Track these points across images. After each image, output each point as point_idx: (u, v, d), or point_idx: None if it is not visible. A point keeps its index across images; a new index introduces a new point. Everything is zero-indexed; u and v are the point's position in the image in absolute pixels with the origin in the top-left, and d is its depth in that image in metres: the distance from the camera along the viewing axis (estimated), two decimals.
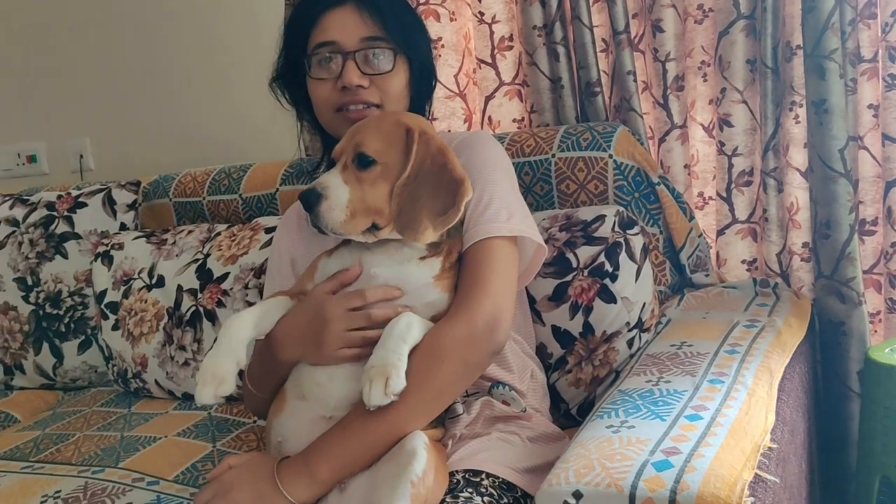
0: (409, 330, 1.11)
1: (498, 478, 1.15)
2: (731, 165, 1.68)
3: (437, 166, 1.15)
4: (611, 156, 1.62)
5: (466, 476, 1.14)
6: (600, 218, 1.47)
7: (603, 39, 1.80)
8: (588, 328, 1.43)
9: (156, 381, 1.85)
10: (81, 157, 2.76)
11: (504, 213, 1.24)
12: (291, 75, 1.41)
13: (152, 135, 2.65)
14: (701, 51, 1.75)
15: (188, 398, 1.84)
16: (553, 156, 1.66)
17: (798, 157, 1.63)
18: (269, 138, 2.25)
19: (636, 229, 1.48)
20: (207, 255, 1.85)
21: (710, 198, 1.81)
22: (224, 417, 1.71)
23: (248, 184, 2.06)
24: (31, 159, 2.85)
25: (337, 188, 1.13)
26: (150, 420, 1.75)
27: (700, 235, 1.69)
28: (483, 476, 1.14)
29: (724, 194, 1.71)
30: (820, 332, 1.57)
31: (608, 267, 1.42)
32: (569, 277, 1.44)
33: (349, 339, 1.15)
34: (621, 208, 1.51)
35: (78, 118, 2.75)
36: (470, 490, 1.11)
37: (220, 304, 1.77)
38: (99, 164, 2.76)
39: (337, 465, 1.10)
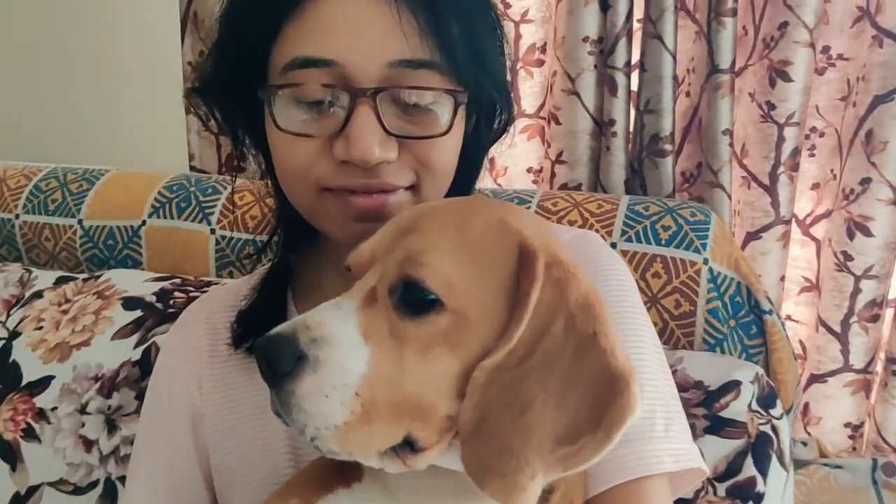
0: None
1: None
2: (857, 290, 1.16)
3: (578, 340, 0.52)
4: (706, 260, 1.05)
5: None
6: (732, 387, 0.90)
7: (675, 76, 1.22)
8: None
9: None
10: None
11: (660, 419, 0.65)
12: (229, 92, 0.72)
13: None
14: (815, 113, 1.22)
15: None
16: (614, 245, 1.07)
17: None
18: (141, 136, 1.49)
19: (779, 408, 0.92)
20: (15, 335, 1.10)
21: (790, 318, 1.30)
22: None
23: (95, 204, 1.32)
24: None
25: (346, 347, 0.52)
26: None
27: (800, 385, 1.15)
28: None
29: (838, 328, 1.19)
30: None
31: (759, 484, 0.84)
32: (689, 493, 0.85)
33: None
34: (760, 370, 0.94)
35: None
36: None
37: (28, 433, 1.03)
38: None
39: None
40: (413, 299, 0.52)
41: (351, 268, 0.57)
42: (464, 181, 0.75)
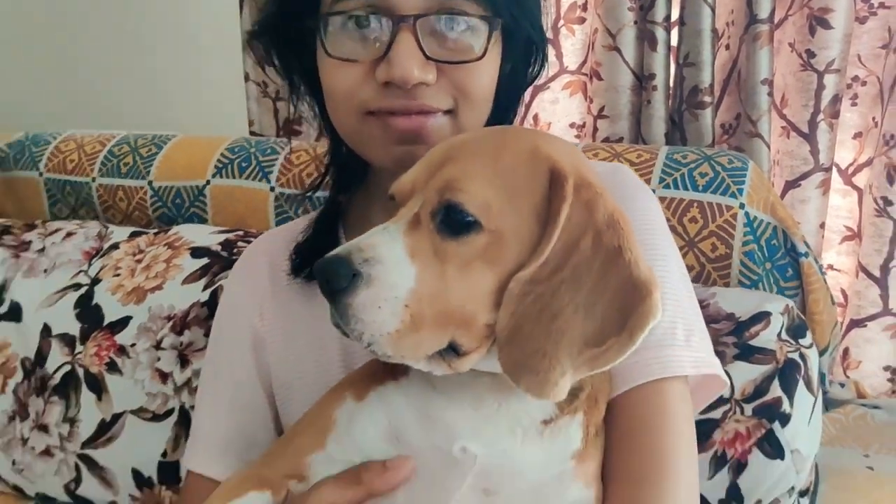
0: None
1: None
2: None
3: (605, 254, 0.57)
4: (742, 205, 1.08)
5: None
6: (762, 317, 0.94)
7: (714, 29, 1.24)
8: (734, 494, 0.90)
9: None
10: None
11: (681, 329, 0.69)
12: (285, 32, 0.78)
13: (20, 69, 1.88)
14: (856, 62, 1.23)
15: (47, 500, 1.18)
16: (653, 192, 1.10)
17: None
18: (200, 100, 1.58)
19: (809, 339, 0.95)
20: (96, 281, 1.20)
21: (832, 267, 1.32)
22: None
23: (163, 167, 1.40)
24: None
25: (394, 265, 0.56)
26: None
27: (840, 326, 1.18)
28: None
29: (877, 273, 1.21)
30: None
31: (784, 405, 0.88)
32: (717, 413, 0.89)
33: None
34: (791, 303, 0.97)
35: None
36: None
37: (111, 366, 1.12)
38: None
39: None
40: (454, 221, 0.56)
41: (394, 196, 0.63)
42: (502, 117, 0.81)
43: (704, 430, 0.90)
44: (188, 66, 1.70)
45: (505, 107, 0.81)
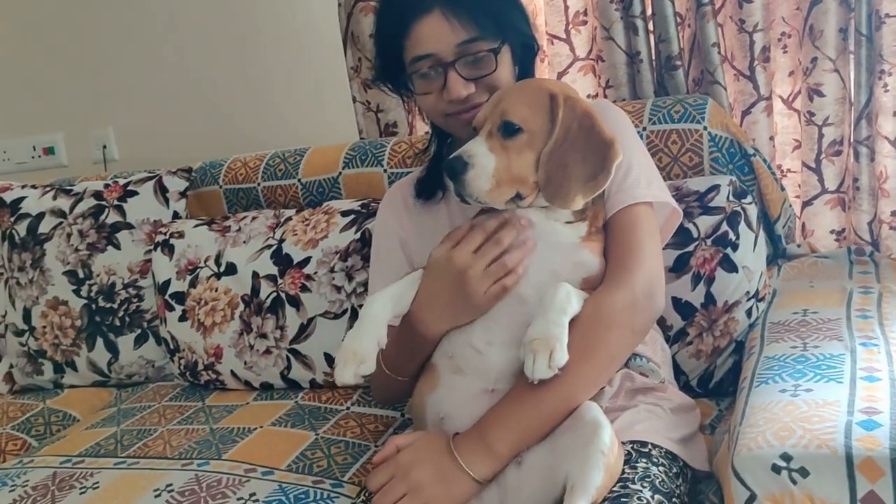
0: (568, 300, 1.07)
1: (663, 448, 1.13)
2: (821, 135, 1.68)
3: (584, 130, 1.11)
4: (705, 128, 1.60)
5: (635, 447, 1.11)
6: (715, 188, 1.46)
7: (678, 13, 1.78)
8: (710, 299, 1.42)
9: (231, 371, 1.78)
10: (105, 147, 2.66)
11: (644, 180, 1.22)
12: (389, 77, 1.34)
13: (181, 123, 2.57)
14: (782, 22, 1.75)
15: (267, 388, 1.77)
16: (645, 129, 1.63)
17: (887, 125, 1.64)
18: (324, 119, 2.20)
19: (749, 199, 1.47)
20: (282, 241, 1.79)
21: (789, 170, 1.82)
22: (315, 406, 1.65)
23: (307, 168, 1.99)
24: (49, 151, 2.73)
25: (483, 157, 1.09)
26: (233, 412, 1.68)
27: (791, 206, 1.68)
28: (650, 446, 1.12)
29: (813, 165, 1.71)
30: None
31: (731, 236, 1.41)
32: (690, 248, 1.42)
33: (490, 274, 1.11)
34: (734, 178, 1.49)
35: (100, 107, 2.65)
36: (644, 461, 1.08)
37: (303, 288, 1.71)
38: (123, 154, 2.67)
39: (514, 438, 1.06)
40: (508, 129, 1.10)
41: (475, 126, 1.19)
42: None
43: (685, 259, 1.43)
44: (311, 96, 2.34)
45: (527, 76, 1.37)
